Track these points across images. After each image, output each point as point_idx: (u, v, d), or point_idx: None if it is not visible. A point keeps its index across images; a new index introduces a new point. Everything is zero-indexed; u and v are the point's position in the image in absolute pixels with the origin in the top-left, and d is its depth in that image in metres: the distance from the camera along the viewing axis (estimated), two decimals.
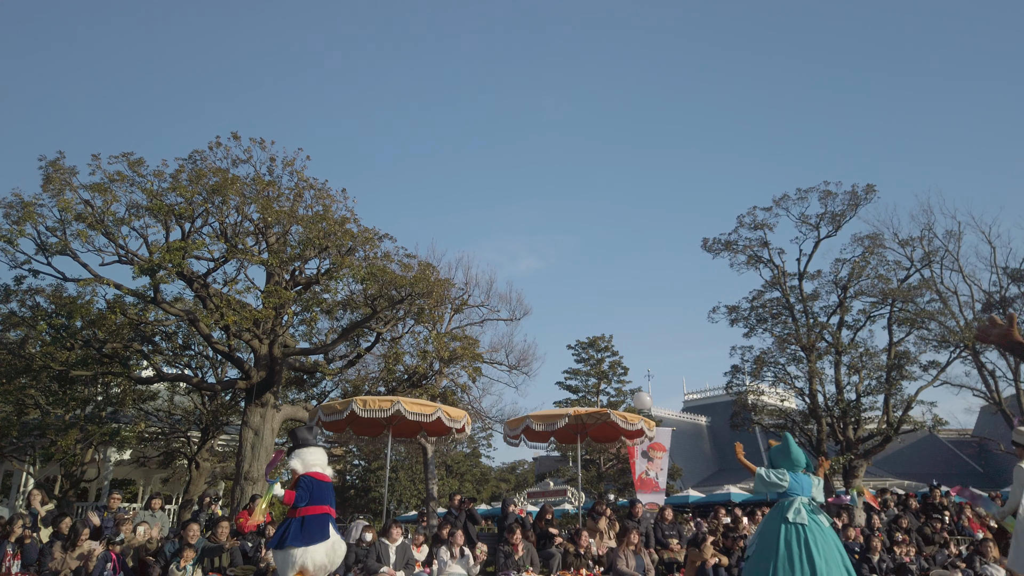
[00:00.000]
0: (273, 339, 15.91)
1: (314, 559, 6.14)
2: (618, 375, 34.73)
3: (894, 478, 35.80)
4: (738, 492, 29.82)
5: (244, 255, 15.32)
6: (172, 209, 14.48)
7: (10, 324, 17.53)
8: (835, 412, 23.01)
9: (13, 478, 20.83)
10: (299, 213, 15.89)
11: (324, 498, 6.44)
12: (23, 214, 14.07)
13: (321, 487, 6.46)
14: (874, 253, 23.76)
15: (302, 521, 6.24)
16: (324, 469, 6.66)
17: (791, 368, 24.06)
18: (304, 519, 6.24)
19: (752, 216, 24.51)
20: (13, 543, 8.67)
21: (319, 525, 6.26)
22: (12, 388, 16.88)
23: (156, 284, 14.42)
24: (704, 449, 47.54)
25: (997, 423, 31.52)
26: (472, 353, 19.66)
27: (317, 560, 6.16)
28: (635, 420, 13.46)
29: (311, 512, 6.28)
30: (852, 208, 23.85)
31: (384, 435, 13.98)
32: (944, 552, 11.52)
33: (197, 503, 14.31)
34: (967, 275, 26.46)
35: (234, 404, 20.93)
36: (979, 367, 25.64)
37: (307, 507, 6.29)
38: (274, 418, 16.14)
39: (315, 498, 6.36)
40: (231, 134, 16.09)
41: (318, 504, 6.35)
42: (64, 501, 17.39)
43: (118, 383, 18.91)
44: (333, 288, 16.40)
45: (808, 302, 24.02)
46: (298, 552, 6.11)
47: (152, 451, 22.18)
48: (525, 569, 9.78)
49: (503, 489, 51.05)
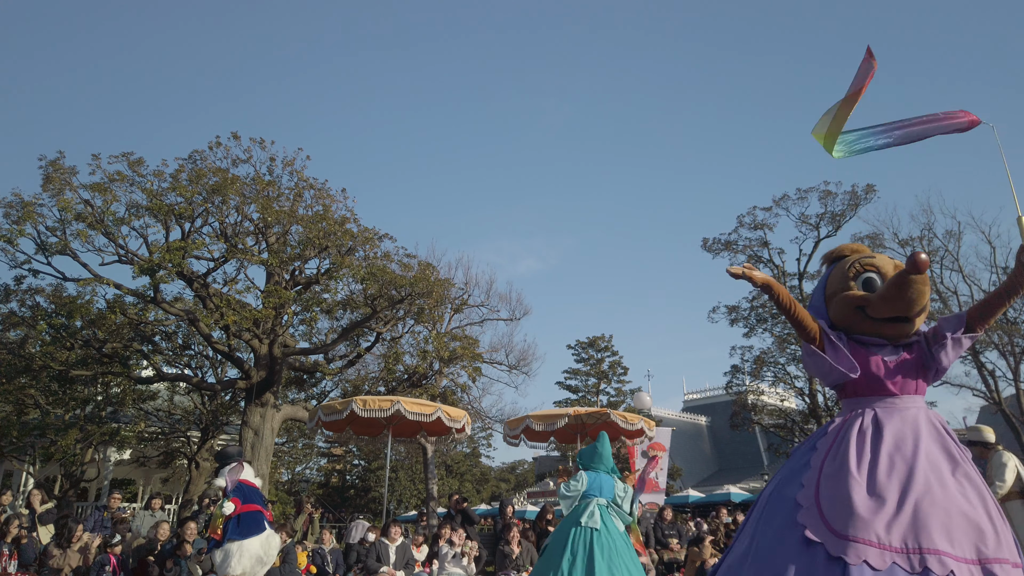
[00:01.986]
0: (273, 339, 15.91)
1: (250, 550, 6.75)
2: (618, 375, 34.78)
3: None
4: (738, 492, 29.81)
5: (244, 255, 15.32)
6: (172, 209, 14.48)
7: (10, 324, 17.53)
8: (835, 412, 23.00)
9: (13, 478, 20.83)
10: (299, 213, 15.90)
11: (255, 499, 7.17)
12: (23, 214, 14.07)
13: (252, 491, 7.21)
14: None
15: (238, 519, 6.92)
16: (253, 479, 7.39)
17: (791, 368, 24.09)
18: (240, 517, 6.93)
19: (752, 216, 24.54)
20: (9, 543, 8.65)
21: (254, 521, 6.97)
22: (12, 388, 16.88)
23: (156, 284, 14.42)
24: (704, 449, 47.56)
25: (997, 423, 31.50)
26: (472, 353, 19.66)
27: (252, 551, 6.77)
28: (635, 420, 13.47)
29: (245, 510, 6.98)
30: (852, 208, 23.87)
31: (384, 435, 13.97)
32: None
33: (196, 503, 14.30)
34: (967, 275, 26.47)
35: (234, 404, 20.92)
36: (979, 367, 25.65)
37: (241, 507, 7.02)
38: (274, 418, 16.14)
39: (247, 499, 7.06)
40: (231, 134, 16.12)
41: (250, 503, 7.07)
42: (64, 501, 17.38)
43: (118, 383, 18.90)
44: (333, 288, 16.40)
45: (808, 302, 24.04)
46: (235, 546, 6.73)
47: (152, 451, 22.17)
48: (524, 569, 9.77)
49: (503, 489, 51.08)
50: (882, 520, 2.61)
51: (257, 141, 16.38)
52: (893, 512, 2.62)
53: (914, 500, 2.64)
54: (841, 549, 2.59)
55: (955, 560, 2.52)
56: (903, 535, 2.58)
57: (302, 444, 30.09)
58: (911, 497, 2.65)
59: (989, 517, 2.65)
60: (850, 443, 2.90)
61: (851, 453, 2.85)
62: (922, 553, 2.53)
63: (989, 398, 25.91)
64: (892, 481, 2.71)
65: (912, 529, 2.58)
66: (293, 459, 33.65)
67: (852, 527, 2.62)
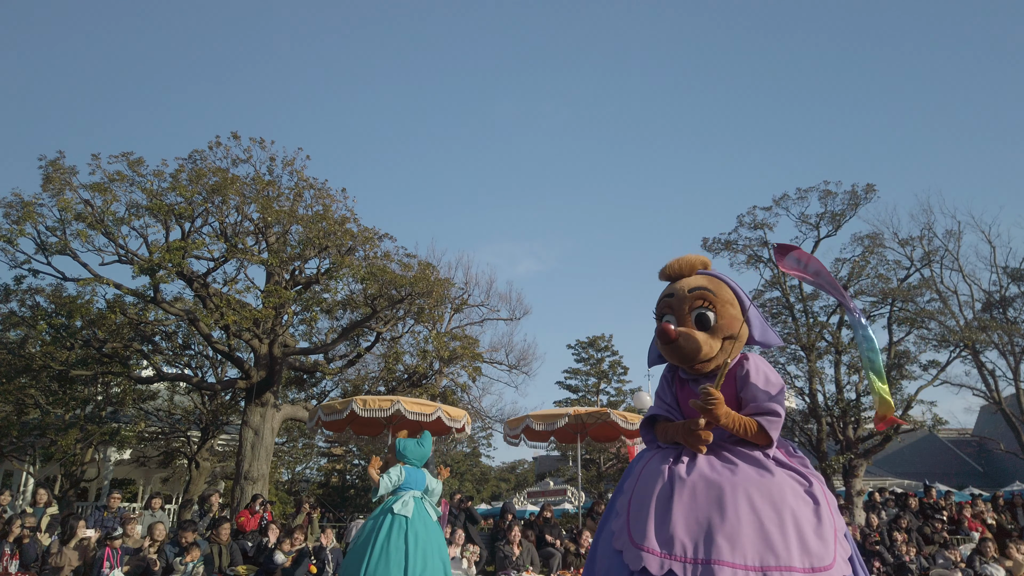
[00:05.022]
0: (273, 339, 15.91)
1: None
2: (618, 375, 34.72)
3: (894, 478, 35.79)
4: None
5: (244, 255, 15.32)
6: (172, 209, 14.48)
7: (10, 324, 17.52)
8: (835, 412, 22.99)
9: (13, 478, 20.84)
10: (299, 213, 15.90)
11: None
12: (23, 214, 14.07)
13: None
14: (874, 253, 23.73)
15: None
16: None
17: (791, 368, 24.03)
18: None
19: (752, 216, 24.48)
20: (11, 543, 8.65)
21: None
22: (12, 388, 16.88)
23: (156, 284, 14.42)
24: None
25: (997, 423, 31.51)
26: (472, 353, 19.65)
27: None
28: (635, 420, 13.46)
29: None
30: (852, 208, 23.81)
31: (384, 435, 13.98)
32: (944, 552, 11.52)
33: (198, 503, 14.29)
34: (967, 275, 26.46)
35: (234, 404, 20.93)
36: (979, 367, 25.64)
37: None
38: (274, 418, 16.14)
39: None
40: (231, 134, 16.12)
41: None
42: (64, 501, 17.39)
43: (118, 383, 18.91)
44: (333, 288, 16.40)
45: (808, 302, 24.00)
46: None
47: (152, 451, 22.18)
48: (525, 569, 9.78)
49: (503, 489, 51.05)
50: (669, 531, 2.68)
51: (257, 141, 16.40)
52: (682, 524, 2.68)
53: (703, 512, 2.69)
54: (632, 557, 2.70)
55: (732, 567, 2.55)
56: (688, 545, 2.63)
57: (302, 444, 30.10)
58: (699, 509, 2.70)
59: (781, 527, 2.64)
60: (657, 470, 2.94)
61: (657, 480, 2.89)
62: (703, 563, 2.57)
63: (989, 398, 25.91)
64: (682, 496, 2.76)
65: (697, 539, 2.63)
66: (293, 459, 33.66)
67: (645, 538, 2.71)
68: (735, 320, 3.12)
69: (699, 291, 3.12)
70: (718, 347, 3.08)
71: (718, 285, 3.18)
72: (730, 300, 3.15)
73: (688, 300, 3.12)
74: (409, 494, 6.37)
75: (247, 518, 11.68)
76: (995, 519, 13.50)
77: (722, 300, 3.12)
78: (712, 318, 3.09)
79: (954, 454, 41.11)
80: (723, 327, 3.09)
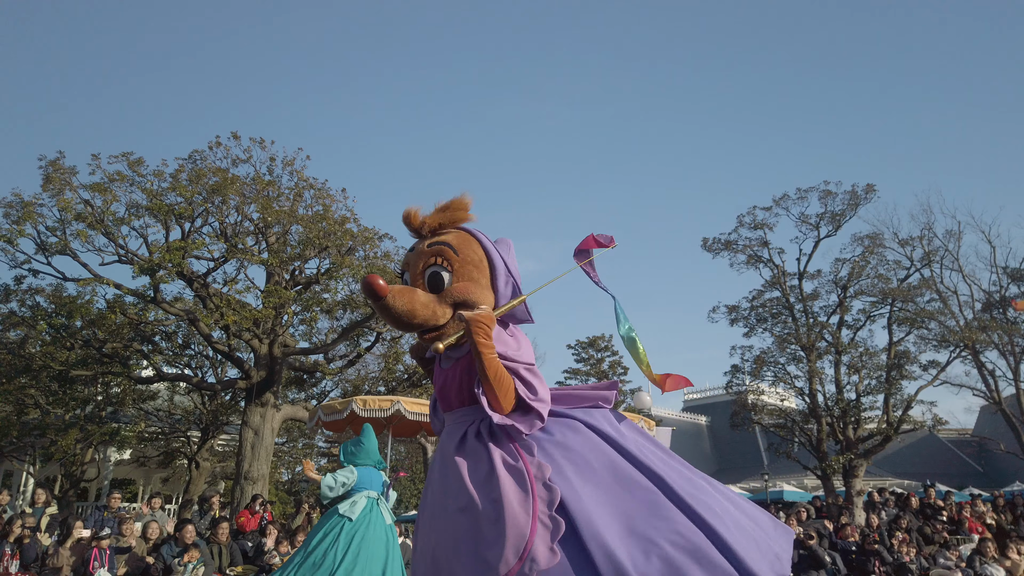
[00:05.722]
0: (273, 339, 15.91)
1: None
2: (618, 375, 34.72)
3: (894, 478, 35.80)
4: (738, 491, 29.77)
5: (244, 255, 15.32)
6: (172, 209, 14.49)
7: (10, 324, 17.54)
8: (835, 412, 22.99)
9: (13, 478, 20.84)
10: (299, 213, 15.91)
11: None
12: (23, 214, 14.09)
13: None
14: (874, 253, 23.74)
15: None
16: None
17: (791, 368, 24.03)
18: None
19: (752, 216, 24.49)
20: (12, 543, 8.65)
21: None
22: (12, 388, 16.89)
23: (156, 284, 14.43)
24: (704, 449, 47.55)
25: (997, 423, 31.51)
26: None
27: None
28: (635, 420, 13.45)
29: None
30: (852, 208, 23.83)
31: (384, 435, 13.97)
32: (944, 552, 11.52)
33: (198, 503, 14.29)
34: (967, 275, 26.48)
35: (234, 404, 20.93)
36: (979, 367, 25.64)
37: None
38: (274, 418, 16.14)
39: None
40: (231, 134, 16.13)
41: None
42: (64, 501, 17.40)
43: (118, 383, 18.91)
44: (333, 288, 16.40)
45: (808, 302, 24.00)
46: None
47: (152, 451, 22.18)
48: None
49: None
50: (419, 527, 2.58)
51: (257, 141, 16.41)
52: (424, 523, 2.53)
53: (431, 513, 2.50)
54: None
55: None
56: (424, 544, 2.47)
57: (302, 444, 30.08)
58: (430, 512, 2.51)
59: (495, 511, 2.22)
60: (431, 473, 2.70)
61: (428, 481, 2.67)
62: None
63: (989, 398, 25.92)
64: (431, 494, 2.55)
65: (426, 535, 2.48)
66: (293, 459, 33.61)
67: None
68: (475, 286, 2.56)
69: (438, 246, 2.55)
70: (446, 315, 2.53)
71: (467, 241, 2.61)
72: (475, 262, 2.58)
73: (424, 256, 2.57)
74: (362, 495, 6.13)
75: (247, 518, 11.68)
76: (995, 519, 13.49)
77: (464, 260, 2.56)
78: (447, 279, 2.53)
79: (954, 454, 41.11)
80: (456, 291, 2.52)
